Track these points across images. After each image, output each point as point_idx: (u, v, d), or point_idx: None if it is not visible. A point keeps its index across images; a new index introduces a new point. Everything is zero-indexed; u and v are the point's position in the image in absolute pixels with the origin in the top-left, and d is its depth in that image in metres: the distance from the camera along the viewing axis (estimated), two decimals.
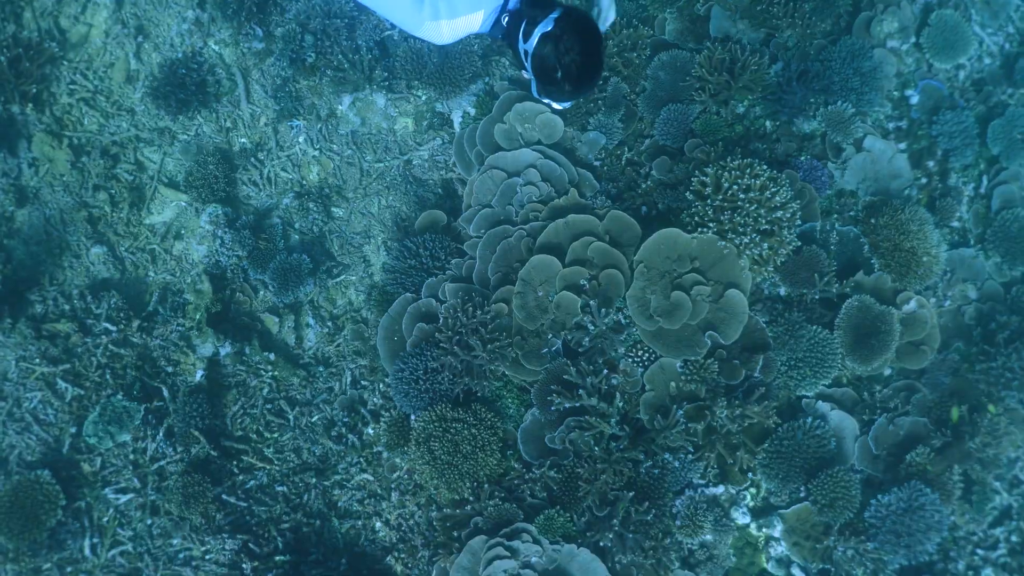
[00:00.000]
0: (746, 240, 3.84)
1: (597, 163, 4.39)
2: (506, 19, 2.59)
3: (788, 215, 3.87)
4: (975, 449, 4.08)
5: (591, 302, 3.83)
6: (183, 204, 4.66)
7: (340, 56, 4.61)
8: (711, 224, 3.89)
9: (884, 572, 3.95)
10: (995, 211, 4.40)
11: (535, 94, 2.65)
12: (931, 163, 4.38)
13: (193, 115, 4.66)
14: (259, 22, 4.65)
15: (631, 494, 3.77)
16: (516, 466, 3.93)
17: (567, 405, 3.76)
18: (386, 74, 4.65)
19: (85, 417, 4.12)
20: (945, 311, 4.31)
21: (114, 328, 4.30)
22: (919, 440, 4.10)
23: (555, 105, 2.68)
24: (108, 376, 4.20)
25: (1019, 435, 4.32)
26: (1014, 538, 4.34)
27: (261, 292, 4.60)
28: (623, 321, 3.92)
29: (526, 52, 2.49)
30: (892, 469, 4.07)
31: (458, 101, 4.66)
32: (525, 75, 2.62)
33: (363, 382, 4.51)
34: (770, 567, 4.03)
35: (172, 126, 4.67)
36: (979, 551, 4.27)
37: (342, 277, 4.70)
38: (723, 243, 3.88)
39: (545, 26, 2.42)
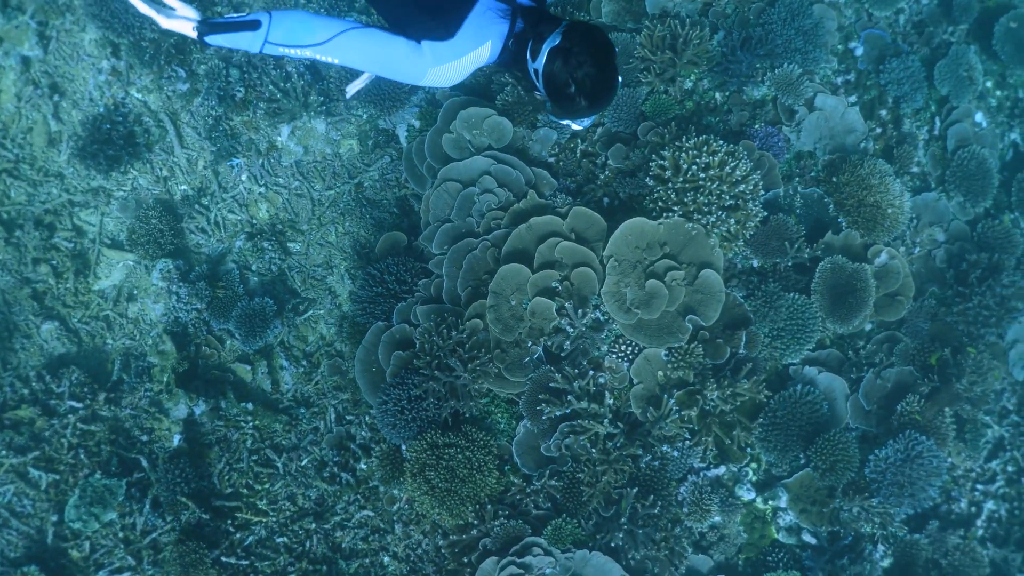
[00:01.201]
0: (712, 219, 3.79)
1: (552, 159, 4.29)
2: (512, 42, 2.42)
3: (751, 187, 3.83)
4: (963, 390, 4.12)
5: (566, 304, 3.76)
6: (131, 264, 4.47)
7: (271, 86, 4.43)
8: (676, 207, 3.83)
9: (892, 525, 3.99)
10: (952, 151, 4.40)
11: (552, 117, 2.49)
12: (883, 112, 4.36)
13: (126, 169, 4.45)
14: (180, 63, 4.44)
15: (635, 490, 3.74)
16: (516, 480, 3.87)
17: (558, 413, 3.70)
18: (322, 98, 4.49)
19: (65, 502, 3.97)
20: (916, 258, 4.32)
21: (80, 405, 4.13)
22: (908, 389, 4.12)
23: (575, 126, 2.52)
24: (82, 456, 4.03)
25: (1002, 367, 4.38)
26: (1010, 468, 4.41)
27: (228, 342, 4.45)
28: (601, 318, 3.85)
29: (536, 71, 2.33)
30: (885, 422, 4.09)
31: (401, 115, 4.52)
32: (538, 95, 2.45)
33: (348, 417, 4.41)
34: (781, 537, 4.04)
35: (106, 184, 4.45)
36: (979, 486, 4.34)
37: (310, 312, 4.56)
38: (690, 225, 3.83)
39: (552, 40, 2.27)
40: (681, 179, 3.81)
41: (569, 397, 3.69)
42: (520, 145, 4.27)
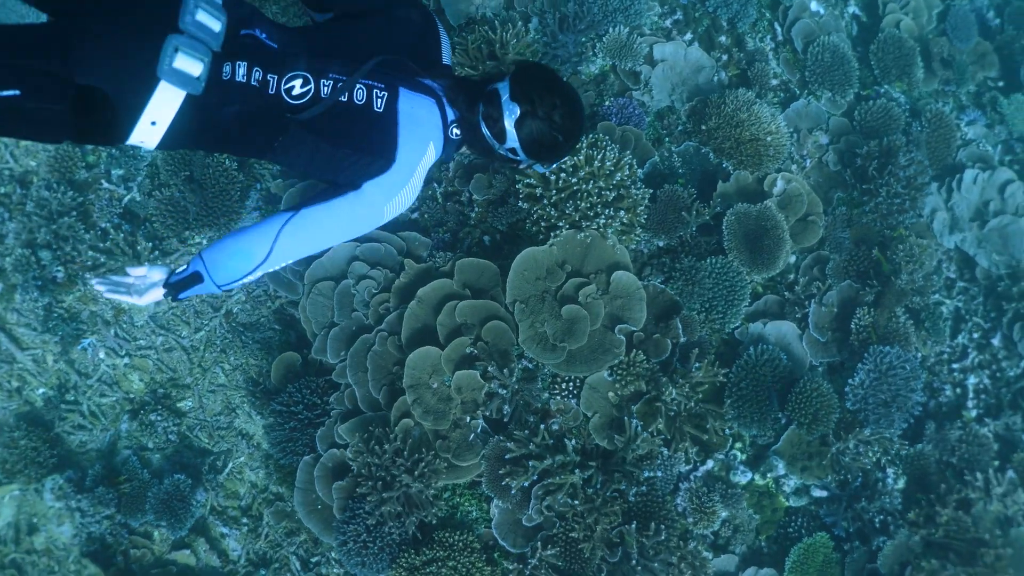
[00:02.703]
0: (602, 220, 3.49)
1: (415, 215, 3.92)
2: (455, 131, 2.24)
3: (627, 172, 3.54)
4: (906, 283, 3.96)
5: (489, 367, 3.42)
6: (17, 494, 3.93)
7: (91, 252, 3.92)
8: (560, 222, 3.51)
9: (892, 447, 3.83)
10: (803, 50, 4.19)
11: (543, 171, 2.25)
12: (723, 38, 4.11)
13: None
14: None
15: (633, 525, 3.46)
16: (510, 566, 3.54)
17: (526, 483, 3.37)
18: (151, 243, 4.00)
19: None
20: (810, 171, 4.12)
21: None
22: (854, 303, 3.95)
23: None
24: None
25: (931, 242, 4.25)
26: (976, 335, 4.31)
27: (155, 533, 3.96)
28: (531, 366, 3.53)
29: (513, 149, 2.16)
30: (845, 345, 3.91)
31: (241, 224, 4.06)
32: (522, 166, 2.30)
33: (313, 559, 3.99)
34: (792, 503, 3.84)
35: None
36: (955, 366, 4.22)
37: (230, 466, 4.11)
38: (582, 234, 3.52)
39: (510, 114, 2.10)
40: (554, 191, 3.49)
41: (530, 463, 3.37)
42: None
